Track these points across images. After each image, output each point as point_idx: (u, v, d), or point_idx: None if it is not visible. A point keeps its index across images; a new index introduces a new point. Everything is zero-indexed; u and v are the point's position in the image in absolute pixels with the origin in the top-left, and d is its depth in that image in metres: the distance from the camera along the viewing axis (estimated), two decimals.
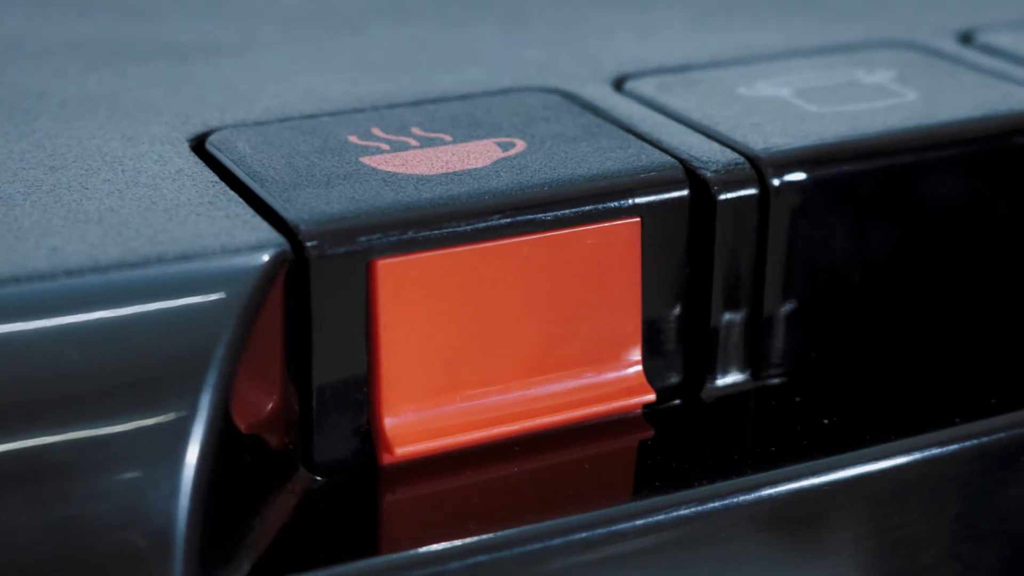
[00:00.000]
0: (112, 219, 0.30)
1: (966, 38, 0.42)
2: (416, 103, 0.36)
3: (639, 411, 0.33)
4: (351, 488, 0.31)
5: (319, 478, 0.31)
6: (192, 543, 0.28)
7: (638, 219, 0.32)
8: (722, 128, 0.35)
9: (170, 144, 0.34)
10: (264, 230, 0.30)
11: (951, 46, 0.41)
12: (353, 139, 0.34)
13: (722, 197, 0.33)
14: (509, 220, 0.31)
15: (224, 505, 0.28)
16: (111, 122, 0.35)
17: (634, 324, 0.33)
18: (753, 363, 0.35)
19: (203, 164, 0.33)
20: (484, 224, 0.31)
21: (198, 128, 0.35)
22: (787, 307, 0.34)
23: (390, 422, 0.31)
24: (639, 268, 0.33)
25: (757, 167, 0.33)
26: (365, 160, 0.33)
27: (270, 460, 0.30)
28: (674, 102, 0.36)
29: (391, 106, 0.36)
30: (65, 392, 0.28)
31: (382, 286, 0.30)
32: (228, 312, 0.29)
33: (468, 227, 0.31)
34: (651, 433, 0.33)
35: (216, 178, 0.32)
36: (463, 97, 0.37)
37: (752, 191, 0.33)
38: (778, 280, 0.34)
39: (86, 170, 0.33)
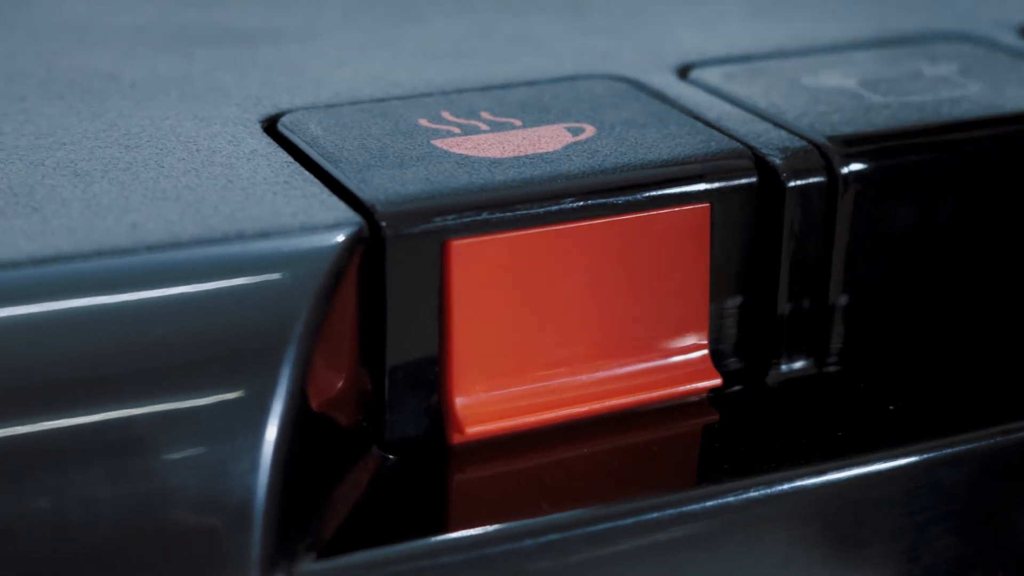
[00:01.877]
0: (190, 197, 0.31)
1: None
2: (483, 89, 0.37)
3: (705, 395, 0.34)
4: (422, 467, 0.31)
5: (391, 456, 0.31)
6: (269, 518, 0.28)
7: (708, 204, 0.32)
8: (789, 116, 0.35)
9: (242, 125, 0.34)
10: (341, 209, 0.30)
11: (1011, 39, 0.42)
12: (424, 122, 0.34)
13: (791, 184, 0.33)
14: (581, 203, 0.31)
15: (300, 481, 0.29)
16: (183, 103, 0.36)
17: (702, 309, 0.33)
18: (817, 350, 0.35)
19: (276, 145, 0.33)
20: (557, 207, 0.31)
21: (269, 110, 0.35)
22: (852, 295, 0.34)
23: (461, 402, 0.31)
24: (708, 253, 0.33)
25: (825, 155, 0.34)
26: (437, 143, 0.33)
27: (344, 438, 0.30)
28: (740, 91, 0.37)
29: (459, 91, 0.36)
30: (146, 367, 0.28)
31: (456, 266, 0.30)
32: (306, 289, 0.29)
33: (541, 209, 0.31)
34: (717, 417, 0.33)
35: (290, 158, 0.33)
36: (530, 84, 0.37)
37: (820, 179, 0.33)
38: (843, 268, 0.34)
39: (161, 149, 0.33)
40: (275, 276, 0.29)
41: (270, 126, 0.35)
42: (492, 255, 0.31)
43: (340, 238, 0.30)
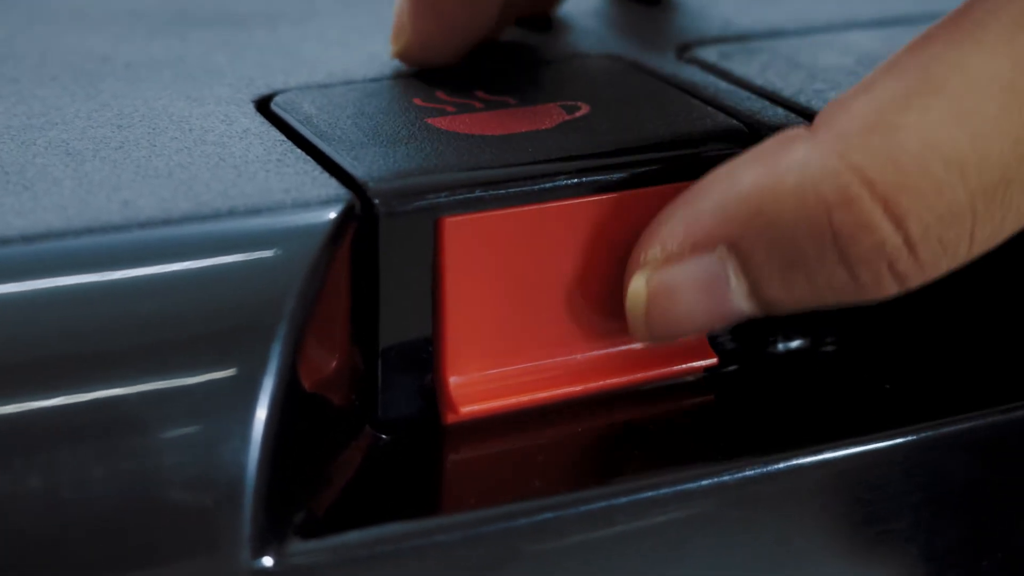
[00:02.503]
0: (182, 175, 0.30)
1: None
2: (478, 68, 0.36)
3: (701, 374, 0.33)
4: (415, 446, 0.31)
5: (384, 436, 0.31)
6: (260, 497, 0.28)
7: None
8: (786, 94, 0.35)
9: (235, 105, 0.34)
10: (333, 186, 0.30)
11: None
12: (418, 101, 0.34)
13: None
14: (575, 181, 0.31)
15: (291, 460, 0.29)
16: (176, 84, 0.36)
17: None
18: (811, 330, 0.35)
19: (269, 124, 0.33)
20: (550, 184, 0.31)
21: (262, 90, 0.35)
22: None
23: (455, 381, 0.31)
24: None
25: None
26: (430, 121, 0.33)
27: (336, 417, 0.30)
28: (737, 69, 0.36)
29: (454, 70, 0.36)
30: (137, 344, 0.28)
31: (448, 244, 0.30)
32: (298, 266, 0.29)
33: (534, 187, 0.31)
34: (712, 396, 0.33)
35: (283, 137, 0.32)
36: (526, 62, 0.37)
37: None
38: None
39: (153, 129, 0.33)
40: (267, 253, 0.29)
41: (263, 106, 0.34)
42: (485, 233, 0.31)
43: (332, 215, 0.29)
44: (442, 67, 0.36)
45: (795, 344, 0.34)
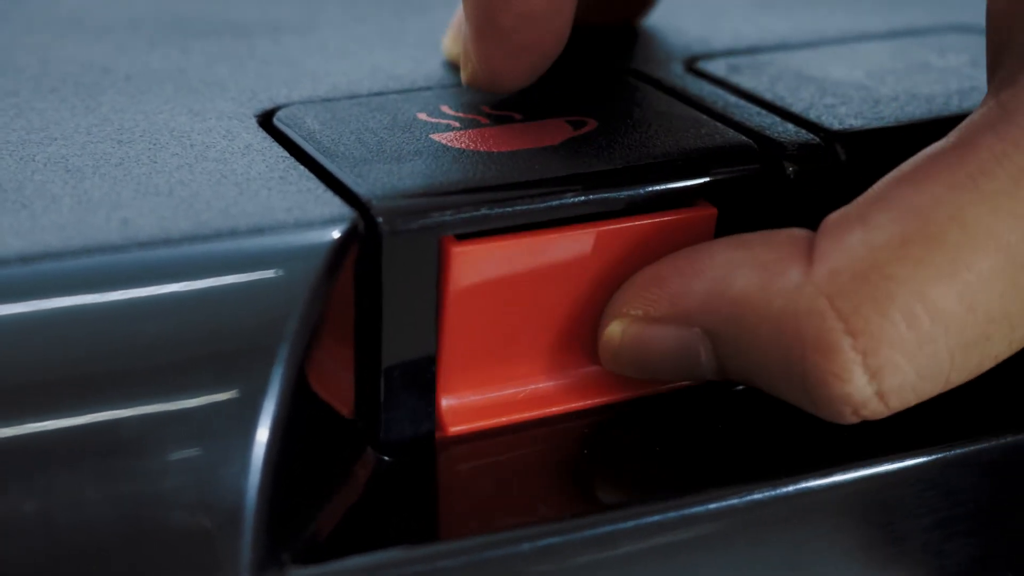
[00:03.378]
0: (182, 192, 0.30)
1: None
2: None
3: (703, 392, 0.33)
4: (419, 469, 0.30)
5: (386, 458, 0.31)
6: (260, 521, 0.27)
7: (713, 211, 0.32)
8: (796, 108, 0.34)
9: (237, 120, 0.34)
10: (336, 204, 0.29)
11: None
12: (423, 116, 0.34)
13: (796, 175, 0.32)
14: (581, 199, 0.31)
15: (293, 483, 0.28)
16: (177, 97, 0.35)
17: None
18: None
19: (271, 139, 0.33)
20: (556, 202, 0.30)
21: (265, 104, 0.35)
22: None
23: (447, 402, 0.31)
24: None
25: (832, 146, 0.33)
26: (435, 137, 0.32)
27: (339, 439, 0.30)
28: (746, 83, 0.36)
29: (459, 84, 0.36)
30: (135, 366, 0.27)
31: (453, 269, 0.30)
32: (300, 287, 0.28)
33: (539, 204, 0.30)
34: (718, 416, 0.33)
35: (285, 153, 0.32)
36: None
37: (826, 172, 0.33)
38: None
39: (154, 144, 0.32)
40: (268, 273, 0.28)
41: (266, 120, 0.34)
42: (490, 259, 0.30)
43: (335, 234, 0.29)
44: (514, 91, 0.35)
45: None
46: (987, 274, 0.28)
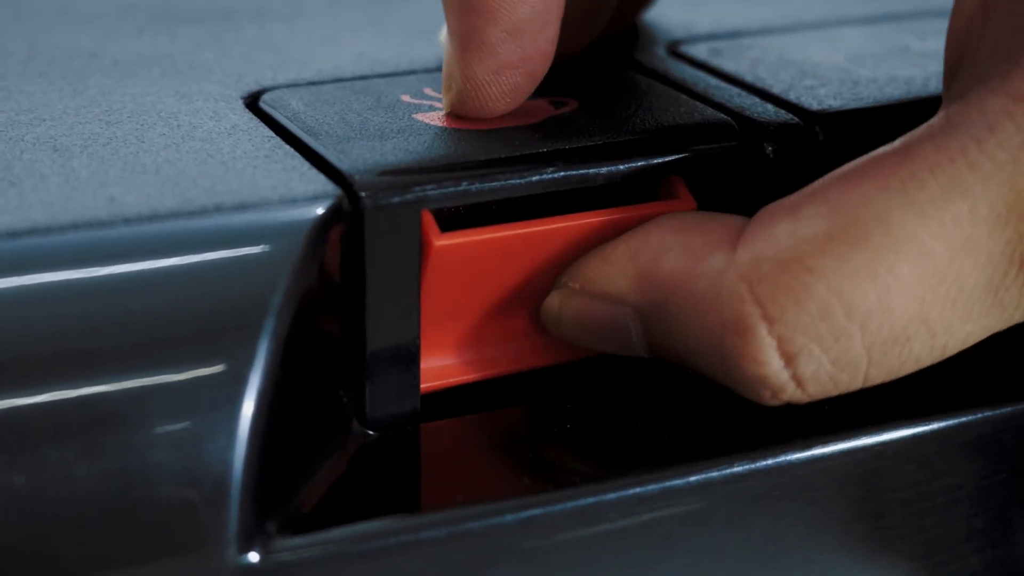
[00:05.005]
0: (169, 171, 0.30)
1: None
2: None
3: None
4: (404, 443, 0.31)
5: (372, 432, 0.31)
6: (246, 493, 0.28)
7: (693, 204, 0.32)
8: (776, 90, 0.35)
9: (224, 101, 0.34)
10: (320, 181, 0.30)
11: None
12: (406, 98, 0.34)
13: (775, 155, 0.33)
14: (561, 174, 0.31)
15: (278, 456, 0.28)
16: (164, 80, 0.36)
17: None
18: None
19: (257, 120, 0.33)
20: (537, 177, 0.31)
21: (251, 87, 0.35)
22: None
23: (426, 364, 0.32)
24: None
25: (811, 127, 0.33)
26: (418, 116, 0.33)
27: (324, 413, 0.30)
28: (727, 65, 0.36)
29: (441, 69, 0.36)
30: (122, 341, 0.28)
31: (434, 261, 0.30)
32: (285, 262, 0.29)
33: (519, 180, 0.31)
34: (702, 390, 0.33)
35: (271, 133, 0.32)
36: None
37: (806, 151, 0.33)
38: None
39: (142, 125, 0.33)
40: (254, 249, 0.29)
41: (252, 102, 0.34)
42: (471, 252, 0.31)
43: (319, 211, 0.29)
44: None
45: None
46: (907, 279, 0.28)
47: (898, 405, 0.32)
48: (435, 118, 0.33)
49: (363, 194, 0.30)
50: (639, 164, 0.31)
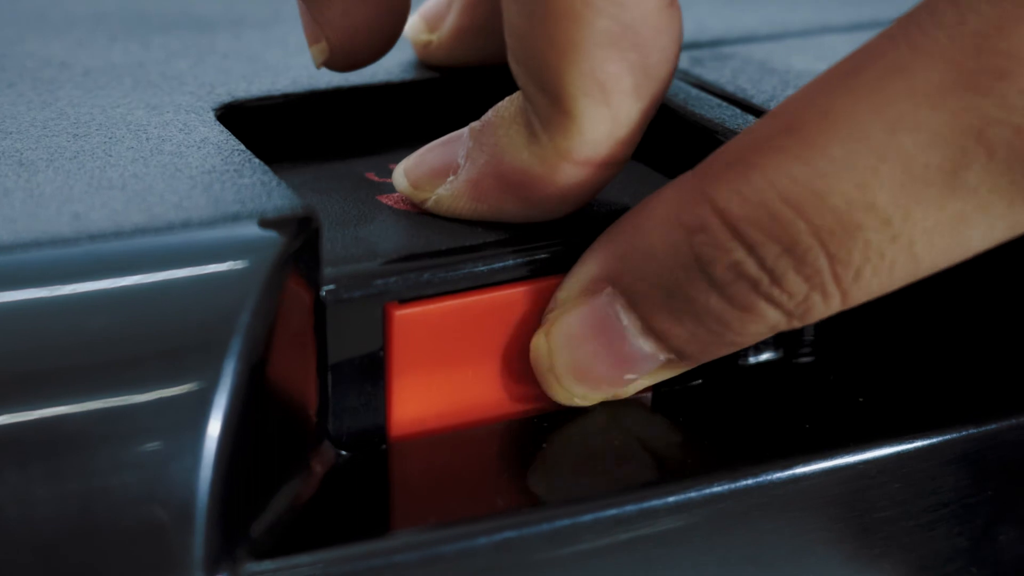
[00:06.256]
0: (136, 186, 0.30)
1: None
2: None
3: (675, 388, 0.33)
4: (374, 463, 0.30)
5: (344, 452, 0.30)
6: (213, 517, 0.27)
7: None
8: (757, 100, 0.34)
9: (195, 113, 0.34)
10: (290, 197, 0.29)
11: None
12: (371, 176, 0.34)
13: None
14: (524, 259, 0.31)
15: (246, 478, 0.28)
16: (135, 91, 0.35)
17: None
18: (786, 342, 0.34)
19: (228, 133, 0.32)
20: (500, 264, 0.31)
21: (223, 98, 0.35)
22: None
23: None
24: None
25: None
26: (381, 199, 0.33)
27: (294, 433, 0.30)
28: (708, 75, 0.36)
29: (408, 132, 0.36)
30: (85, 361, 0.27)
31: (396, 333, 0.30)
32: (253, 279, 0.28)
33: (483, 267, 0.31)
34: (687, 409, 0.33)
35: (242, 146, 0.32)
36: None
37: None
38: None
39: (110, 138, 0.32)
40: (221, 266, 0.28)
41: (224, 114, 0.34)
42: (433, 322, 0.31)
43: (289, 226, 0.29)
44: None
45: (768, 357, 0.34)
46: (840, 161, 0.28)
47: (882, 423, 0.32)
48: (396, 200, 0.33)
49: (326, 288, 0.29)
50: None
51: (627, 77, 0.30)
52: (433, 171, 0.32)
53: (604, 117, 0.30)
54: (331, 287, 0.30)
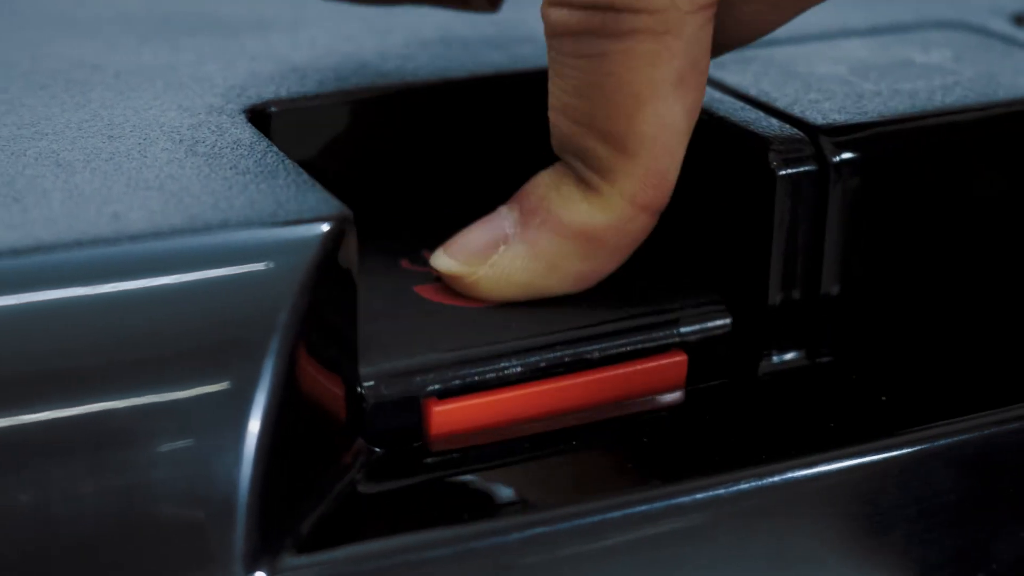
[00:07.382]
0: (172, 186, 0.30)
1: (1020, 20, 0.42)
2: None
3: (697, 387, 0.33)
4: (409, 459, 0.31)
5: (378, 449, 0.31)
6: (253, 512, 0.27)
7: (683, 357, 0.33)
8: (781, 104, 0.35)
9: (227, 115, 0.34)
10: (326, 198, 0.30)
11: (1005, 27, 0.41)
12: (405, 264, 0.35)
13: (782, 172, 0.33)
14: (558, 353, 0.32)
15: (285, 474, 0.28)
16: (167, 93, 0.35)
17: None
18: (809, 341, 0.34)
19: (260, 135, 0.33)
20: (535, 358, 0.32)
21: (253, 100, 0.35)
22: (844, 285, 0.34)
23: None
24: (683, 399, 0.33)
25: (817, 143, 0.33)
26: (418, 290, 0.34)
27: (330, 430, 0.30)
28: (731, 79, 0.36)
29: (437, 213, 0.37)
30: (127, 358, 0.27)
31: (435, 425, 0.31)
32: (290, 279, 0.28)
33: (518, 365, 0.32)
34: (708, 410, 0.33)
35: (274, 148, 0.32)
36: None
37: (811, 167, 0.33)
38: (836, 258, 0.34)
39: (144, 139, 0.33)
40: (259, 266, 0.29)
41: (255, 116, 0.34)
42: (471, 414, 0.32)
43: (325, 227, 0.29)
44: None
45: (791, 357, 0.34)
46: None
47: (905, 421, 0.32)
48: (433, 292, 0.34)
49: (365, 385, 0.30)
50: (636, 346, 0.33)
51: (686, 119, 0.30)
52: (485, 245, 0.33)
53: (664, 160, 0.30)
54: (371, 385, 0.31)
